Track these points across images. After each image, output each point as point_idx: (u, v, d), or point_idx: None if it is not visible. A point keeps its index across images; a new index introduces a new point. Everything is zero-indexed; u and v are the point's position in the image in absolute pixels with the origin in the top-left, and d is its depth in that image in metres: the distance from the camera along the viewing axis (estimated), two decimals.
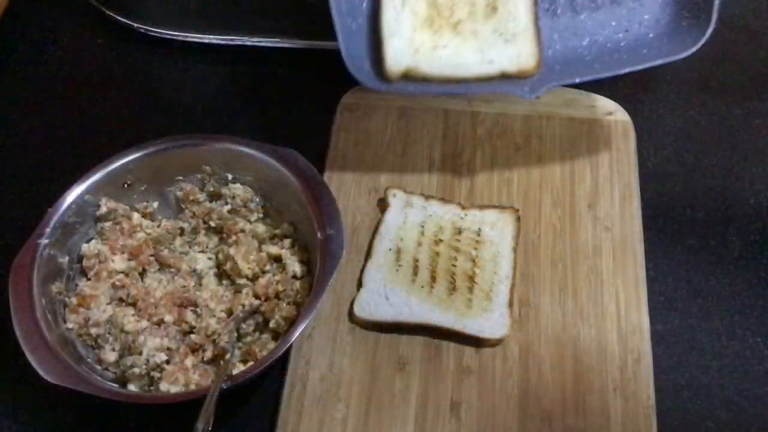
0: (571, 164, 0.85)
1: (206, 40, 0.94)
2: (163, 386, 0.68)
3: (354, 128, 0.85)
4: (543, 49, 0.73)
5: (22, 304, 0.68)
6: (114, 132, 0.90)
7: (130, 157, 0.77)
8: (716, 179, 0.86)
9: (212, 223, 0.79)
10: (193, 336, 0.72)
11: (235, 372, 0.69)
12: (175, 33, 0.95)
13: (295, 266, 0.76)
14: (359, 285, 0.77)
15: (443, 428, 0.70)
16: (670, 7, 0.81)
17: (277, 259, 0.77)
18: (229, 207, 0.79)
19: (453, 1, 0.71)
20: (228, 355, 0.70)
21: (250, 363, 0.70)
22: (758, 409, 0.72)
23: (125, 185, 0.78)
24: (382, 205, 0.82)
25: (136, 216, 0.78)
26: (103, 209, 0.76)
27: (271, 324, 0.73)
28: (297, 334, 0.67)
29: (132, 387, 0.70)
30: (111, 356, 0.71)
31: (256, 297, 0.74)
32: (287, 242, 0.78)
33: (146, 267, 0.77)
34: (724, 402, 0.73)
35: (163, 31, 0.95)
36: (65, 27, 1.00)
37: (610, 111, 0.89)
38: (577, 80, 0.78)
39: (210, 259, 0.79)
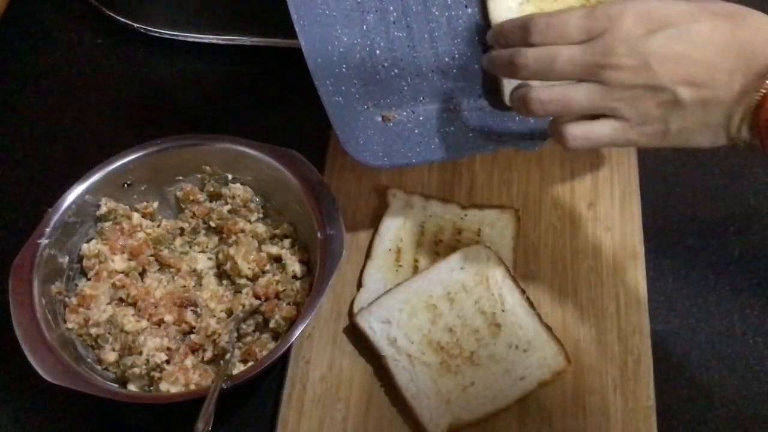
0: (571, 164, 0.85)
1: (206, 40, 0.94)
2: (163, 386, 0.68)
3: None
4: (566, 347, 0.73)
5: (22, 304, 0.68)
6: (114, 132, 0.90)
7: (130, 157, 0.77)
8: (716, 179, 0.86)
9: (212, 223, 0.79)
10: (193, 336, 0.72)
11: (235, 372, 0.69)
12: (175, 33, 0.95)
13: (295, 266, 0.76)
14: (359, 285, 0.77)
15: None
16: None
17: (277, 259, 0.77)
18: (229, 207, 0.79)
19: (455, 337, 0.72)
20: (228, 355, 0.70)
21: (250, 363, 0.70)
22: (758, 409, 0.72)
23: (125, 185, 0.78)
24: (382, 205, 0.82)
25: (136, 216, 0.78)
26: (103, 209, 0.76)
27: (271, 324, 0.73)
28: (297, 334, 0.67)
29: (132, 387, 0.70)
30: (111, 356, 0.71)
31: (256, 297, 0.74)
32: (287, 242, 0.78)
33: (146, 267, 0.77)
34: (724, 402, 0.73)
35: (163, 31, 0.95)
36: (65, 27, 1.00)
37: None
38: None
39: (210, 259, 0.79)
